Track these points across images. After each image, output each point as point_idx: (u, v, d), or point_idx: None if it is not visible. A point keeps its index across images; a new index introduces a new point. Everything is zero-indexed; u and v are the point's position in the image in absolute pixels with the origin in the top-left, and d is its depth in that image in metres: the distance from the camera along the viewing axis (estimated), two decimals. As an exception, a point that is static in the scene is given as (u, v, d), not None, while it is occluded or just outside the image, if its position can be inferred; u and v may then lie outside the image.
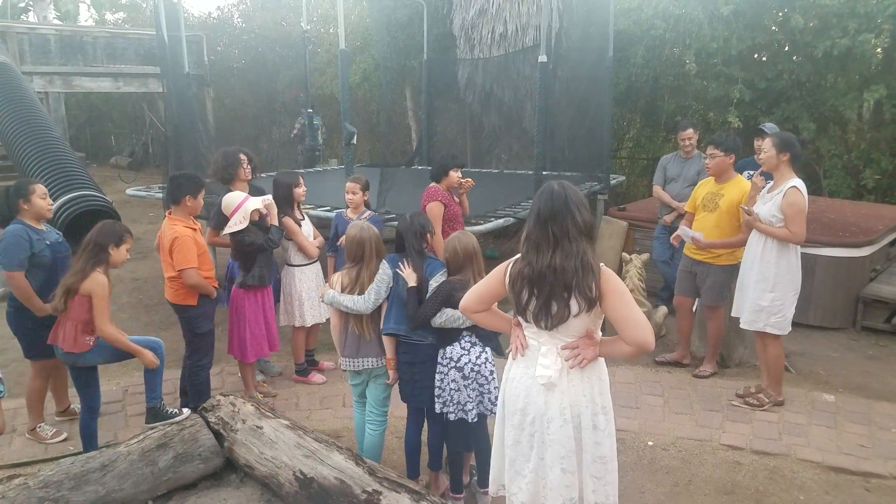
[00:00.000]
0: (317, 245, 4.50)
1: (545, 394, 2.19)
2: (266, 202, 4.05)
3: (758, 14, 7.60)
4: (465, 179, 4.50)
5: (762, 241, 3.83)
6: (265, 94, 15.52)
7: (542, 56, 5.53)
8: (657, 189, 5.69)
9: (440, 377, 2.94)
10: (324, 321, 4.43)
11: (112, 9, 21.13)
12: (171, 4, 6.58)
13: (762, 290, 3.83)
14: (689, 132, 5.47)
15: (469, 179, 4.53)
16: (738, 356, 4.74)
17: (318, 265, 4.55)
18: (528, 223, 2.18)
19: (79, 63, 12.78)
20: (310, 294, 4.42)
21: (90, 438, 3.50)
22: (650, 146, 10.46)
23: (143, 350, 3.49)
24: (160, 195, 6.35)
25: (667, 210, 5.58)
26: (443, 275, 2.96)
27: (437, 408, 2.96)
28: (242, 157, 4.37)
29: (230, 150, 4.43)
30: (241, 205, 3.93)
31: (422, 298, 2.94)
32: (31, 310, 3.55)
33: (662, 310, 5.39)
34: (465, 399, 2.88)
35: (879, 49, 7.04)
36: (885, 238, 6.02)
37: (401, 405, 3.23)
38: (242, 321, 4.05)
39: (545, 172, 5.83)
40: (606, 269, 2.12)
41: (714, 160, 4.28)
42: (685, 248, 4.56)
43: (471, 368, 2.87)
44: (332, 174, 8.82)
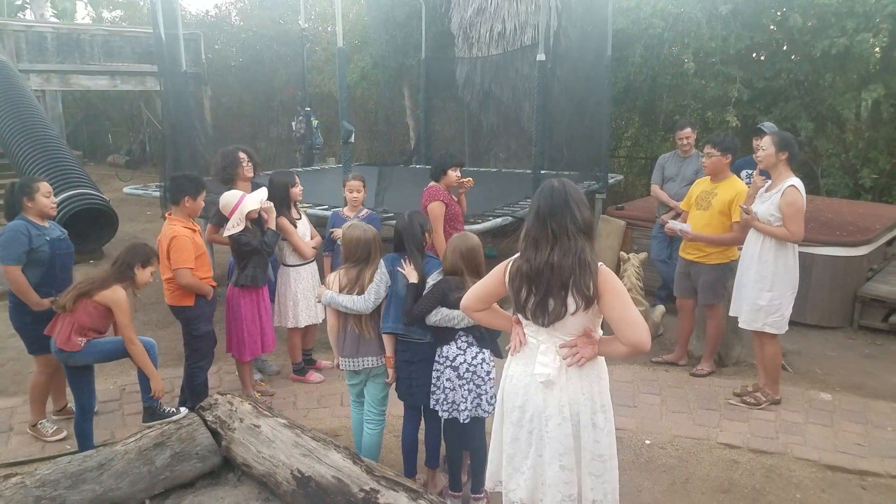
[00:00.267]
0: (313, 245, 4.46)
1: (544, 391, 2.19)
2: (265, 206, 4.04)
3: (756, 13, 7.60)
4: (465, 179, 4.49)
5: (760, 241, 3.84)
6: (263, 93, 15.52)
7: (541, 55, 5.52)
8: (655, 188, 5.69)
9: (436, 375, 2.95)
10: (320, 321, 4.42)
11: (109, 6, 21.09)
12: (169, 2, 6.54)
13: (760, 290, 3.84)
14: (688, 131, 5.46)
15: (468, 178, 4.52)
16: (736, 355, 4.75)
17: (315, 265, 4.51)
18: (528, 220, 2.18)
19: (76, 61, 12.74)
20: (305, 294, 4.38)
21: (83, 438, 3.50)
22: (648, 145, 10.48)
23: (157, 374, 3.56)
24: (157, 193, 6.33)
25: (665, 209, 5.58)
26: (439, 273, 2.96)
27: (431, 404, 2.97)
28: (242, 156, 4.32)
29: (228, 150, 4.37)
30: (238, 204, 3.92)
31: (420, 296, 2.94)
32: (28, 304, 3.55)
33: (660, 309, 5.40)
34: (460, 399, 2.88)
35: (877, 48, 7.04)
36: (883, 237, 6.03)
37: (398, 404, 3.23)
38: (239, 320, 4.04)
39: (543, 171, 5.82)
40: (605, 269, 2.12)
41: (710, 159, 4.30)
42: (680, 250, 4.58)
43: (466, 368, 2.87)
44: (330, 173, 8.81)
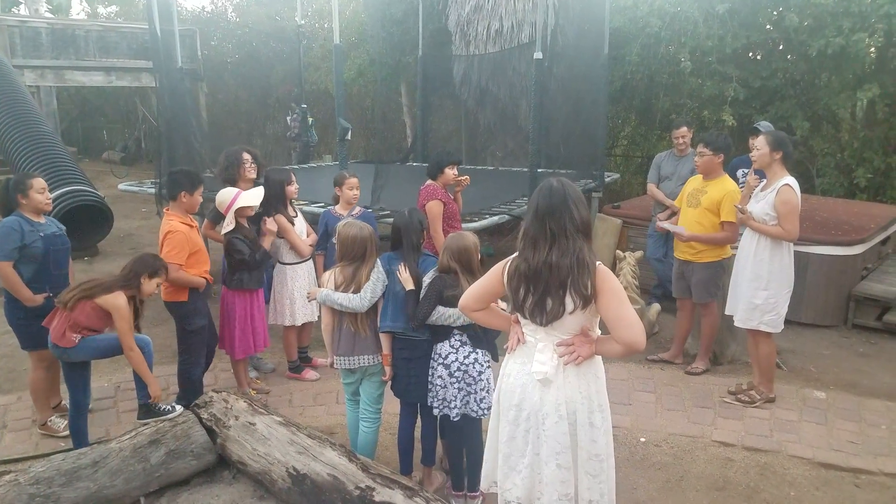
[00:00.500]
0: (310, 243, 4.44)
1: (541, 390, 2.19)
2: (270, 227, 4.07)
3: (753, 12, 7.62)
4: (462, 177, 4.48)
5: (755, 240, 3.86)
6: (259, 90, 15.46)
7: (538, 53, 5.51)
8: (651, 187, 5.70)
9: (431, 371, 2.95)
10: (316, 319, 4.41)
11: (104, 2, 20.99)
12: (164, -2, 6.51)
13: (756, 289, 3.85)
14: (684, 130, 5.47)
15: (465, 176, 4.51)
16: (731, 353, 4.77)
17: (311, 263, 4.51)
18: (527, 219, 2.18)
19: (71, 57, 12.64)
20: (302, 292, 4.38)
21: (77, 436, 3.49)
22: (645, 144, 10.48)
23: (154, 381, 3.54)
24: (153, 190, 6.30)
25: (661, 208, 5.59)
26: (435, 271, 2.95)
27: (428, 401, 2.97)
28: (246, 157, 4.31)
29: (232, 151, 4.36)
30: (233, 202, 3.92)
31: (419, 298, 2.94)
32: (20, 300, 3.54)
33: (655, 307, 5.41)
34: (451, 397, 2.89)
35: (873, 48, 7.07)
36: (877, 236, 6.05)
37: (394, 401, 3.22)
38: (231, 318, 4.04)
39: (540, 170, 5.81)
40: (603, 268, 2.12)
41: (703, 158, 4.32)
42: (674, 250, 4.60)
43: (457, 367, 2.86)
44: (326, 170, 8.79)
